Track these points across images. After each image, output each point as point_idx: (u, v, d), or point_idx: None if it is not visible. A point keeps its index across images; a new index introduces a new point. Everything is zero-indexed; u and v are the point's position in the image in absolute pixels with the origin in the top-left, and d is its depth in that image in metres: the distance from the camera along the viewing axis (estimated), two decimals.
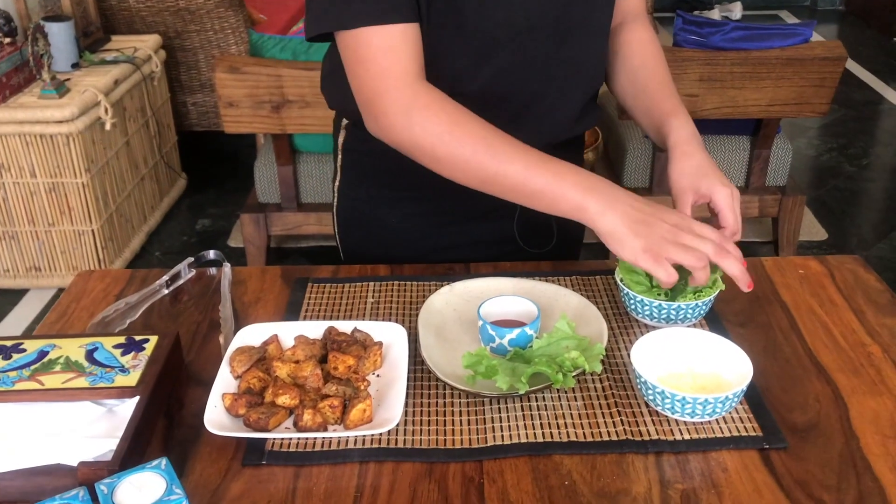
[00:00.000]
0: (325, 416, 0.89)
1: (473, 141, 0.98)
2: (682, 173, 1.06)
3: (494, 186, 1.00)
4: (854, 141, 3.95)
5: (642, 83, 1.17)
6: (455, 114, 1.00)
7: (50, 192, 2.64)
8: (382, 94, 1.00)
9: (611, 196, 0.96)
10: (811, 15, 5.98)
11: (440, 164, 1.02)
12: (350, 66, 1.02)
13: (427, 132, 0.99)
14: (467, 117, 1.00)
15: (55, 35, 2.71)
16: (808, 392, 0.95)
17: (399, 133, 1.01)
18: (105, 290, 1.17)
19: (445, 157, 1.00)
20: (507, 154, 0.98)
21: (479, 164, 0.99)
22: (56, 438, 0.87)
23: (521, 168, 0.97)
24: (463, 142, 0.98)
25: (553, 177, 0.97)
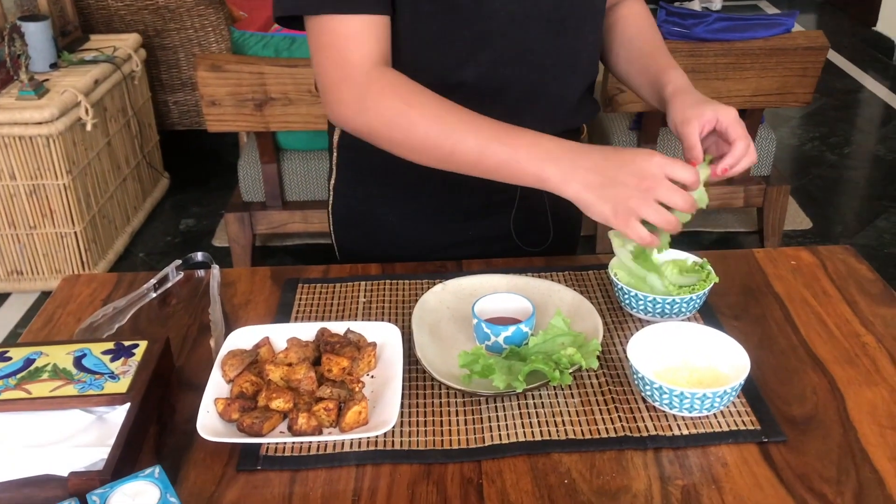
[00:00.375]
0: (320, 419, 0.88)
1: (426, 121, 0.98)
2: (682, 108, 1.04)
3: (454, 164, 1.00)
4: (835, 130, 3.97)
5: (637, 48, 1.18)
6: (408, 96, 0.99)
7: (31, 194, 2.60)
8: (339, 83, 1.01)
9: (569, 162, 0.94)
10: (790, 5, 6.00)
11: (399, 148, 1.02)
12: (312, 51, 1.03)
13: (381, 117, 1.00)
14: (421, 98, 0.99)
15: (32, 35, 2.67)
16: (805, 384, 0.95)
17: (354, 120, 1.02)
18: (92, 294, 1.15)
19: (401, 140, 1.00)
20: (460, 131, 0.97)
21: (434, 143, 0.98)
22: (45, 448, 0.86)
23: (474, 144, 0.97)
24: (416, 123, 0.98)
25: (508, 150, 0.96)
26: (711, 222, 3.13)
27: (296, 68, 2.34)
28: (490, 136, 0.97)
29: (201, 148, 3.70)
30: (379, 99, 1.00)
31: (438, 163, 1.01)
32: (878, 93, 4.41)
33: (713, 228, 3.11)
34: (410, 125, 0.99)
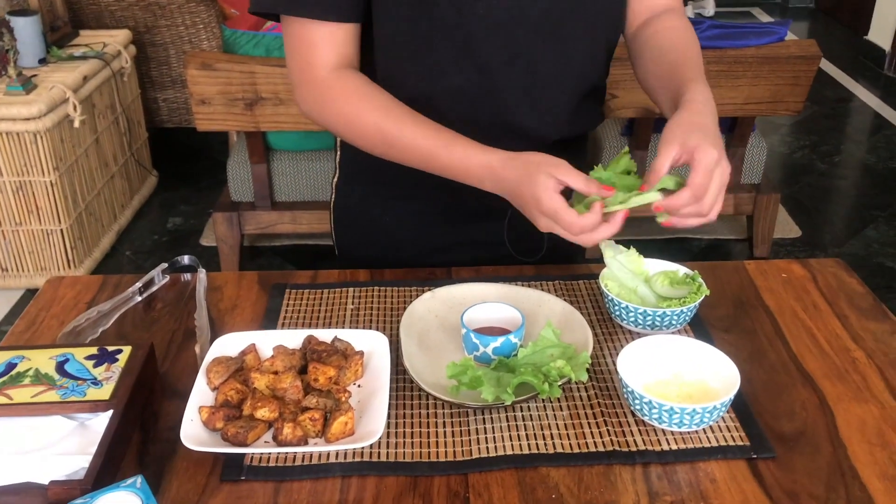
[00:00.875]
0: (305, 429, 0.87)
1: (374, 128, 1.06)
2: (678, 124, 0.98)
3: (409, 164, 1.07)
4: (826, 138, 3.98)
5: (667, 62, 1.10)
6: (360, 102, 1.06)
7: (17, 191, 2.57)
8: (302, 84, 1.08)
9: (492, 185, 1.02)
10: (783, 12, 6.02)
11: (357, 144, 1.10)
12: (286, 49, 1.09)
13: (334, 120, 1.08)
14: (372, 104, 1.05)
15: (21, 30, 2.64)
16: (795, 400, 0.95)
17: (314, 117, 1.10)
18: (76, 297, 1.13)
19: (353, 139, 1.09)
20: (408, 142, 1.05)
21: (386, 151, 1.07)
22: (25, 456, 0.84)
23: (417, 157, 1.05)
24: (365, 128, 1.06)
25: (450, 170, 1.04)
26: (701, 229, 3.13)
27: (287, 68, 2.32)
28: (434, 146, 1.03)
29: (190, 146, 3.68)
30: (334, 103, 1.06)
31: (394, 160, 1.08)
32: (869, 102, 4.42)
33: (703, 235, 3.11)
34: (361, 126, 1.07)
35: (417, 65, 1.07)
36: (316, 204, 2.69)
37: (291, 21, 1.05)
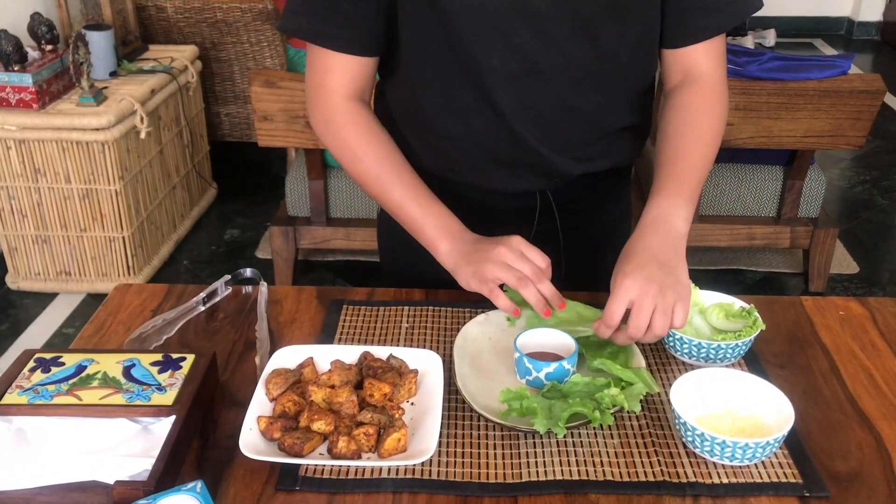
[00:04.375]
0: (359, 443, 0.89)
1: (369, 162, 1.14)
2: (623, 253, 1.03)
3: (381, 203, 1.18)
4: (888, 173, 3.90)
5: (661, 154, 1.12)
6: (365, 134, 1.14)
7: (83, 198, 2.66)
8: (315, 101, 1.15)
9: (459, 238, 1.10)
10: (846, 44, 5.93)
11: (346, 171, 1.19)
12: (306, 66, 1.15)
13: (336, 143, 1.16)
14: (374, 140, 1.14)
15: (95, 43, 2.74)
16: (850, 440, 0.94)
17: (319, 135, 1.18)
18: (142, 304, 1.18)
19: (347, 167, 1.17)
20: (392, 182, 1.14)
21: (369, 182, 1.16)
22: (92, 455, 0.87)
23: (398, 197, 1.14)
24: (361, 160, 1.15)
25: (421, 213, 1.13)
26: (756, 262, 3.09)
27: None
28: (412, 196, 1.13)
29: (249, 160, 3.76)
30: (340, 130, 1.14)
31: (372, 197, 1.18)
32: None
33: (757, 268, 3.07)
34: (357, 159, 1.15)
35: (443, 109, 1.12)
36: (369, 221, 2.73)
37: (312, 45, 1.11)
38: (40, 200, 2.67)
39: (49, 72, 2.61)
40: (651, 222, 1.04)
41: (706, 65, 1.13)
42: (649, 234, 1.02)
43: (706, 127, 1.13)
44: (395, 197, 1.14)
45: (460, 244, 1.09)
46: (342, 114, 1.13)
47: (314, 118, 1.16)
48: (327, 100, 1.13)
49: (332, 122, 1.14)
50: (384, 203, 1.16)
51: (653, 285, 0.96)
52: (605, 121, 1.16)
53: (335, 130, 1.14)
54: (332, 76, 1.12)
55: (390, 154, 1.15)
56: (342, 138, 1.14)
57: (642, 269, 0.97)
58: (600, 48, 1.06)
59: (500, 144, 1.14)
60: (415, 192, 1.14)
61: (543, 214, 1.24)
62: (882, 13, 5.94)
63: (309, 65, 1.14)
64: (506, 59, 1.05)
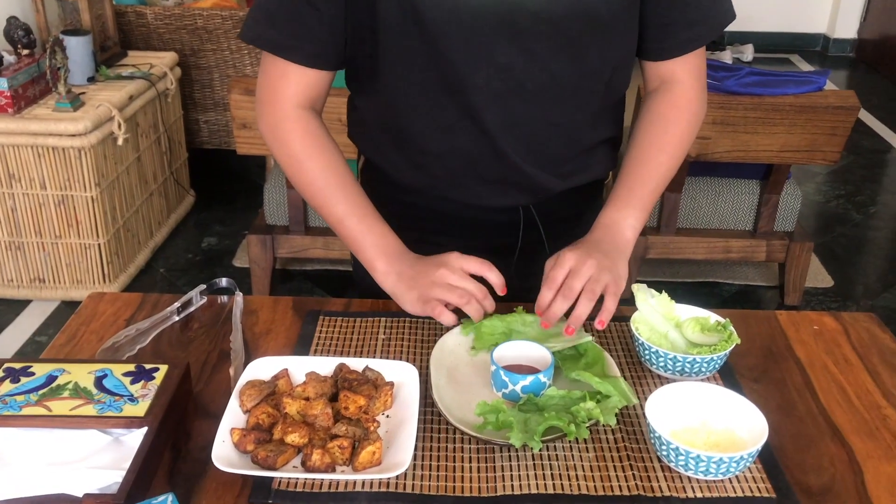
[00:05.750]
0: (333, 456, 0.88)
1: (313, 174, 1.14)
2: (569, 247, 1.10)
3: (322, 216, 1.16)
4: (862, 188, 3.95)
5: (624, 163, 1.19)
6: (310, 144, 1.13)
7: (59, 204, 2.64)
8: (265, 104, 1.14)
9: (396, 259, 1.11)
10: (822, 60, 6.02)
11: (288, 177, 1.19)
12: (260, 68, 1.15)
13: (281, 152, 1.15)
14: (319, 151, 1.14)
15: (73, 49, 2.72)
16: (823, 454, 0.94)
17: (266, 140, 1.17)
18: (115, 313, 1.16)
19: (291, 175, 1.17)
20: (335, 196, 1.14)
21: (311, 194, 1.15)
22: (61, 467, 0.86)
23: (340, 212, 1.14)
24: (305, 170, 1.14)
25: (360, 231, 1.13)
26: (732, 275, 3.11)
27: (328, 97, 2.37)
28: (353, 212, 1.13)
29: (228, 168, 3.74)
30: (286, 136, 1.14)
31: (312, 206, 1.18)
32: None
33: (733, 281, 3.09)
34: (301, 169, 1.14)
35: (425, 126, 1.12)
36: None
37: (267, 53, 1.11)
38: (14, 206, 2.64)
39: (25, 76, 2.58)
40: (601, 227, 1.14)
41: (682, 74, 1.16)
42: (598, 236, 1.12)
43: (670, 136, 1.17)
44: (337, 211, 1.14)
45: (398, 265, 1.10)
46: (291, 121, 1.13)
47: (262, 122, 1.16)
48: (277, 105, 1.12)
49: (279, 129, 1.14)
50: (325, 216, 1.16)
51: (592, 260, 1.05)
52: (587, 136, 1.17)
53: (282, 137, 1.14)
54: (285, 84, 1.11)
55: (335, 166, 1.14)
56: (288, 145, 1.14)
57: (586, 250, 1.07)
58: (584, 66, 1.07)
59: (484, 161, 1.13)
60: (357, 209, 1.14)
61: (528, 228, 1.24)
62: (857, 31, 6.04)
63: (263, 69, 1.14)
64: (491, 77, 1.05)
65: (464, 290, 1.06)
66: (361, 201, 1.14)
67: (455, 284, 1.06)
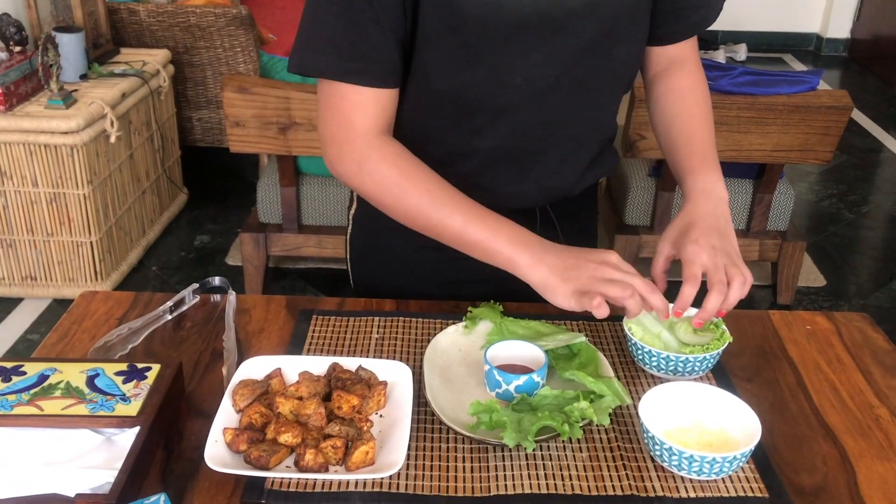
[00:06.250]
0: (327, 456, 0.88)
1: (418, 193, 1.05)
2: (673, 227, 1.08)
3: (437, 234, 1.07)
4: (854, 188, 3.97)
5: (673, 139, 1.17)
6: (405, 167, 1.06)
7: (51, 202, 2.62)
8: (342, 143, 1.06)
9: (539, 250, 1.01)
10: (815, 60, 6.03)
11: (389, 211, 1.09)
12: (321, 106, 1.07)
13: (376, 183, 1.06)
14: (416, 171, 1.06)
15: (65, 46, 2.71)
16: (816, 454, 0.94)
17: (349, 179, 1.08)
18: (108, 312, 1.16)
19: (392, 206, 1.08)
20: (448, 207, 1.04)
21: (422, 214, 1.06)
22: (53, 467, 0.86)
23: (459, 221, 1.04)
24: (408, 193, 1.05)
25: (489, 232, 1.03)
26: None
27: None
28: (473, 218, 1.04)
29: (221, 166, 3.73)
30: (378, 166, 1.05)
31: (423, 230, 1.08)
32: None
33: None
34: (403, 193, 1.05)
35: (455, 126, 1.10)
36: (341, 229, 2.72)
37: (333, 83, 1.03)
38: (6, 204, 2.62)
39: (17, 73, 2.57)
40: (700, 193, 1.09)
41: (690, 52, 1.21)
42: (702, 203, 1.08)
43: (704, 105, 1.20)
44: (455, 223, 1.04)
45: (545, 257, 1.01)
46: (376, 150, 1.05)
47: (343, 164, 1.07)
48: (357, 141, 1.04)
49: (367, 164, 1.05)
50: (443, 234, 1.06)
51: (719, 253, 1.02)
52: (607, 131, 1.20)
53: (371, 170, 1.05)
54: (360, 112, 1.03)
55: (436, 181, 1.06)
56: (382, 175, 1.05)
57: (707, 237, 1.03)
58: (613, 60, 1.09)
59: (507, 162, 1.13)
60: (474, 214, 1.04)
61: (543, 227, 1.24)
62: (850, 30, 6.05)
63: (328, 106, 1.05)
64: (528, 76, 1.05)
65: (627, 283, 0.97)
66: (474, 206, 1.05)
67: (618, 279, 0.97)
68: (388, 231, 1.24)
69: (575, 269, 0.99)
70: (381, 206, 1.09)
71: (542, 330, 1.09)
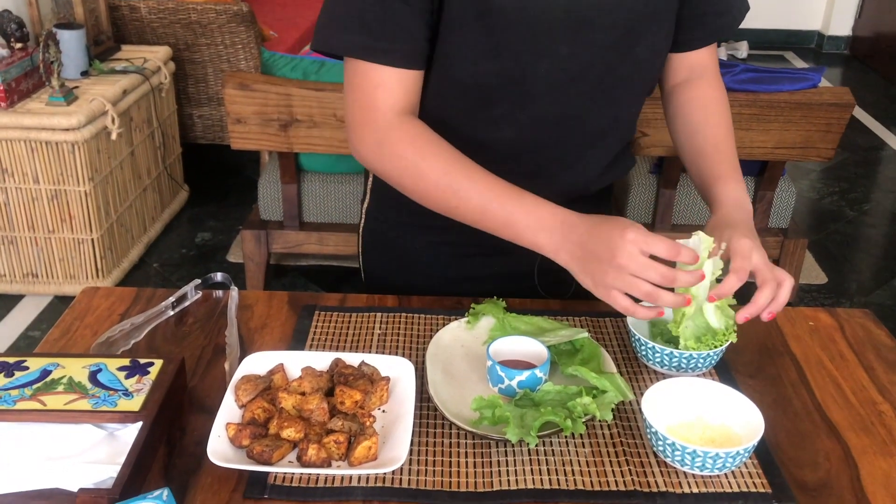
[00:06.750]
0: (329, 451, 0.88)
1: (436, 174, 1.03)
2: (712, 227, 1.06)
3: (458, 216, 1.05)
4: (855, 186, 3.96)
5: (699, 146, 1.16)
6: (424, 147, 1.03)
7: (52, 199, 2.62)
8: (363, 125, 1.05)
9: (560, 234, 0.98)
10: (816, 57, 6.02)
11: (409, 193, 1.07)
12: (346, 88, 1.07)
13: (395, 164, 1.04)
14: (435, 150, 1.03)
15: (66, 42, 2.71)
16: (818, 449, 0.94)
17: (370, 161, 1.07)
18: (110, 308, 1.16)
19: (411, 187, 1.06)
20: (466, 188, 1.02)
21: (442, 196, 1.03)
22: (56, 462, 0.86)
23: (477, 203, 1.02)
24: (426, 174, 1.03)
25: (507, 214, 1.00)
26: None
27: (322, 92, 2.36)
28: (493, 197, 1.01)
29: (222, 163, 3.73)
30: (396, 147, 1.04)
31: (444, 212, 1.06)
32: None
33: None
34: (421, 175, 1.03)
35: (475, 115, 1.09)
36: (343, 226, 2.72)
37: (356, 62, 1.03)
38: (7, 201, 2.62)
39: (18, 70, 2.57)
40: (734, 202, 1.08)
41: (709, 60, 1.21)
42: (737, 214, 1.06)
43: (728, 116, 1.19)
44: (474, 205, 1.01)
45: (565, 241, 0.97)
46: (396, 130, 1.03)
47: (364, 143, 1.05)
48: (377, 120, 1.03)
49: (385, 143, 1.04)
50: (464, 216, 1.04)
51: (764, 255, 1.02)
52: (627, 131, 1.20)
53: (391, 149, 1.04)
54: (381, 92, 1.02)
55: (456, 159, 1.03)
56: (399, 156, 1.03)
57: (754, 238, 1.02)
58: (636, 57, 1.09)
59: (524, 156, 1.12)
60: (494, 193, 1.01)
61: None
62: (851, 28, 6.04)
63: (351, 87, 1.04)
64: (552, 68, 1.04)
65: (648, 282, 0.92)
66: (496, 184, 1.01)
67: (638, 275, 0.92)
68: (400, 225, 1.25)
69: (592, 262, 0.95)
70: (402, 188, 1.06)
71: (545, 326, 1.08)
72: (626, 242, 0.92)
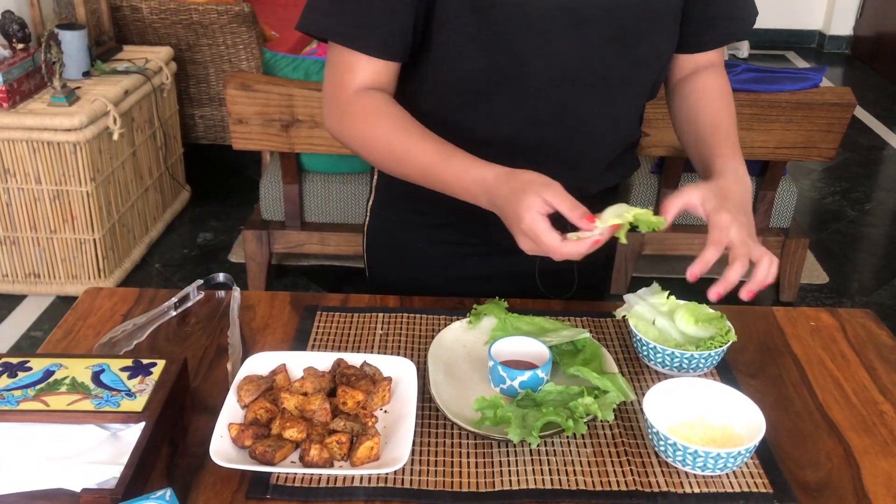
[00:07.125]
0: (331, 451, 0.88)
1: (383, 142, 1.08)
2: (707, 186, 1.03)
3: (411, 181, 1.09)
4: (857, 185, 3.96)
5: (701, 126, 1.15)
6: (375, 117, 1.07)
7: (54, 199, 2.63)
8: (331, 100, 1.10)
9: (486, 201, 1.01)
10: (818, 57, 6.02)
11: (366, 160, 1.13)
12: (325, 64, 1.12)
13: (351, 134, 1.10)
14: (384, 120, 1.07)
15: (68, 43, 2.71)
16: (820, 449, 0.95)
17: (335, 133, 1.12)
18: (112, 308, 1.16)
19: (366, 155, 1.11)
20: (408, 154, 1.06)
21: (390, 162, 1.09)
22: (59, 462, 0.86)
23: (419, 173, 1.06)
24: (376, 144, 1.08)
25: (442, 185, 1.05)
26: None
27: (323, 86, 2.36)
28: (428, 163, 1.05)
29: (224, 163, 3.73)
30: (353, 120, 1.08)
31: (401, 176, 1.10)
32: None
33: None
34: (370, 140, 1.09)
35: (473, 113, 1.10)
36: (344, 226, 2.72)
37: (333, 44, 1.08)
38: (9, 201, 2.63)
39: (20, 70, 2.57)
40: (732, 173, 1.05)
41: (716, 59, 1.21)
42: (734, 184, 1.04)
43: (730, 104, 1.19)
44: (417, 172, 1.06)
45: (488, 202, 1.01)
46: (354, 103, 1.07)
47: (330, 118, 1.11)
48: (341, 96, 1.08)
49: (346, 114, 1.08)
50: (411, 177, 1.08)
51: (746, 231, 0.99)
52: (629, 132, 1.19)
53: (350, 121, 1.08)
54: (350, 74, 1.07)
55: (404, 124, 1.06)
56: (353, 126, 1.08)
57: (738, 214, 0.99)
58: (636, 57, 1.09)
59: (523, 154, 1.11)
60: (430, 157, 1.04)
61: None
62: (852, 28, 6.04)
63: (329, 66, 1.09)
64: (549, 66, 1.05)
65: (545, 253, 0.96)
66: (433, 148, 1.04)
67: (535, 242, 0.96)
68: (404, 223, 1.25)
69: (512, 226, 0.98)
70: (361, 156, 1.12)
71: (547, 326, 1.09)
72: (527, 209, 0.95)
